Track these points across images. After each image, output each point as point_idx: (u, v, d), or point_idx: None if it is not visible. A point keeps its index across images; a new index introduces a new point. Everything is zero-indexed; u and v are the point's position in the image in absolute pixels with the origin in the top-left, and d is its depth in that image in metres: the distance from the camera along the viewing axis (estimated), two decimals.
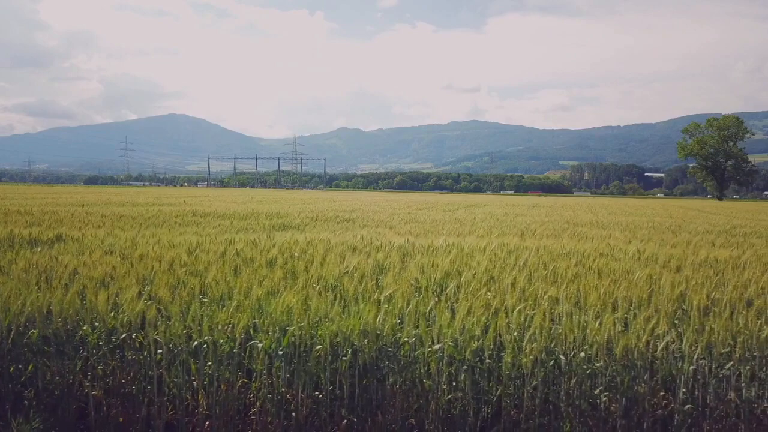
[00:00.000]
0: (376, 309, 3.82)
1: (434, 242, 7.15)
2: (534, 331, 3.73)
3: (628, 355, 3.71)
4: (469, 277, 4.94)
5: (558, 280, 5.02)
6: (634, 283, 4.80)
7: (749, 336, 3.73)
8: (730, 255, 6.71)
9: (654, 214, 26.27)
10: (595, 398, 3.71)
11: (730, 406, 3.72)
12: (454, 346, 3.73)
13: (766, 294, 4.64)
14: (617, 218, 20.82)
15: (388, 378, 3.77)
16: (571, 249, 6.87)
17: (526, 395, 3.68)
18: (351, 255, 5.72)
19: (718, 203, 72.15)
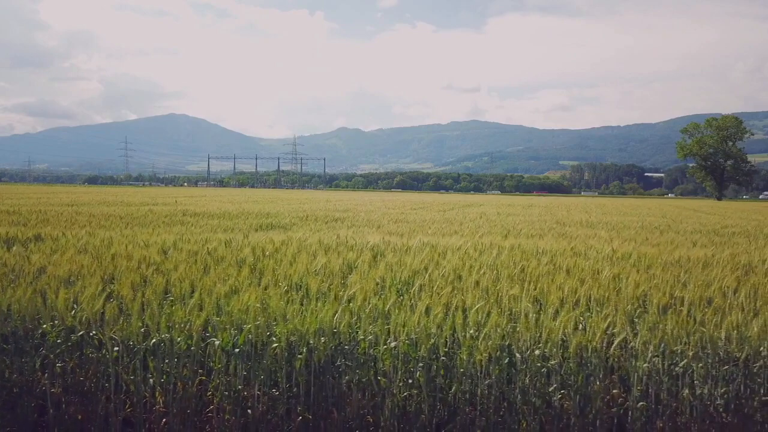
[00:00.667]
0: (334, 307, 3.84)
1: (410, 242, 7.17)
2: (489, 329, 3.76)
3: (582, 353, 3.73)
4: (436, 275, 4.97)
5: (525, 278, 5.05)
6: (600, 282, 4.83)
7: (703, 334, 3.75)
8: (704, 254, 6.74)
9: (648, 214, 26.30)
10: (549, 396, 3.74)
11: (684, 404, 3.74)
12: (409, 343, 3.76)
13: (728, 292, 4.67)
14: (610, 218, 20.84)
15: (343, 376, 3.80)
16: (547, 248, 6.89)
17: (480, 392, 3.70)
18: (323, 254, 5.74)
19: (716, 203, 72.19)
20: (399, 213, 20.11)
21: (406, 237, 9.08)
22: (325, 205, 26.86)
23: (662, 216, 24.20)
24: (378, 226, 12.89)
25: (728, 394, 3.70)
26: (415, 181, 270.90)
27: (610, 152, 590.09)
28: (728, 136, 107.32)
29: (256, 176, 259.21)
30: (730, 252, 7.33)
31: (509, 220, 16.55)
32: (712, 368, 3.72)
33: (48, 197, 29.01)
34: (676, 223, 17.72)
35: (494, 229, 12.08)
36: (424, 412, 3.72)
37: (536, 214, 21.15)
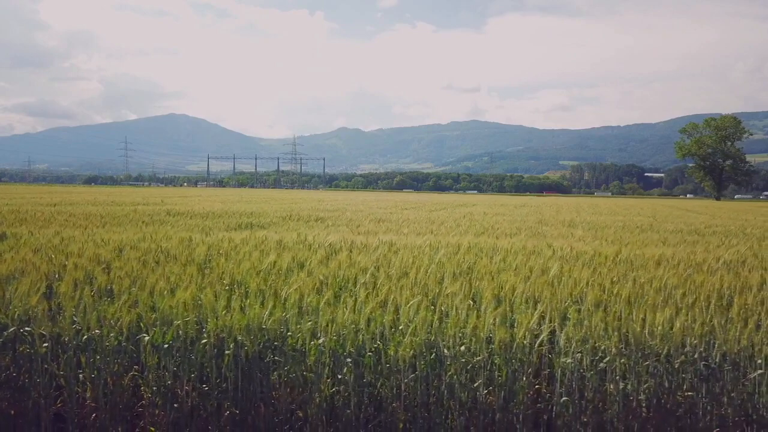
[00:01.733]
0: (263, 304, 3.90)
1: (375, 240, 7.23)
2: (417, 325, 3.81)
3: (507, 349, 3.78)
4: (382, 273, 5.02)
5: (470, 276, 5.10)
6: (544, 280, 4.88)
7: (627, 331, 3.80)
8: (662, 253, 6.79)
9: (638, 214, 26.33)
10: (475, 391, 3.79)
11: (608, 399, 3.79)
12: (336, 339, 3.81)
13: (667, 290, 4.71)
14: (597, 218, 20.89)
15: (272, 371, 3.85)
16: (506, 246, 6.94)
17: (404, 387, 3.75)
18: (276, 253, 5.79)
19: (714, 203, 72.18)
20: (387, 213, 20.16)
21: (377, 236, 9.13)
22: (315, 205, 26.91)
23: (651, 216, 24.24)
24: (357, 225, 12.94)
25: (650, 390, 3.75)
26: (415, 181, 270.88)
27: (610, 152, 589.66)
28: (727, 136, 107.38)
29: (256, 176, 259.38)
30: (691, 250, 7.38)
31: (493, 219, 16.59)
32: (635, 364, 3.77)
33: (39, 197, 29.07)
34: (660, 223, 17.76)
35: (471, 228, 12.12)
36: (350, 407, 3.77)
37: (523, 214, 21.19)
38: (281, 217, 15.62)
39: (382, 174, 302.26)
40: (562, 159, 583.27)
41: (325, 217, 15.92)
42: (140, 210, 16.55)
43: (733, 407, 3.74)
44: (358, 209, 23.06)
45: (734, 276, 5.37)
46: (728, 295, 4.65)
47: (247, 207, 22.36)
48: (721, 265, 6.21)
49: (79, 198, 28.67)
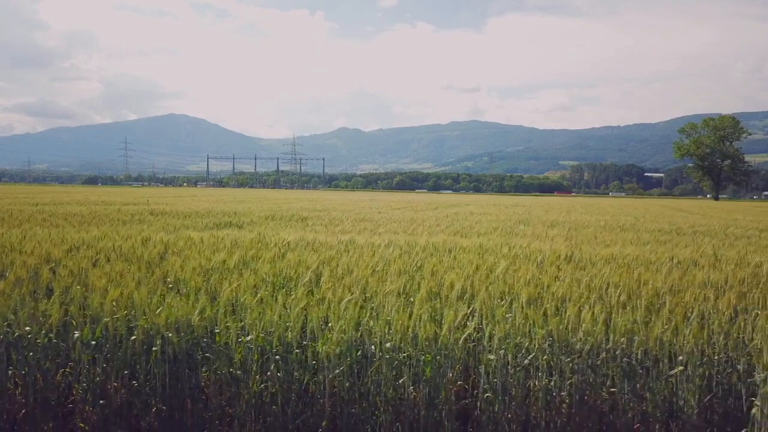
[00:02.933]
0: (201, 301, 3.94)
1: (330, 239, 7.27)
2: (345, 322, 3.85)
3: (432, 345, 3.83)
4: (327, 271, 5.07)
5: (415, 274, 5.14)
6: (484, 277, 4.92)
7: (549, 327, 3.85)
8: (620, 252, 6.83)
9: (626, 214, 26.37)
10: (400, 388, 3.83)
11: (532, 395, 3.83)
12: (264, 337, 3.86)
13: (605, 288, 4.76)
14: (583, 217, 20.93)
15: (200, 368, 3.89)
16: (465, 245, 6.99)
17: (329, 383, 3.80)
18: (228, 251, 5.84)
19: (711, 203, 72.20)
20: (374, 213, 20.18)
21: (348, 235, 9.18)
22: (305, 205, 26.96)
23: (639, 216, 24.27)
24: (336, 225, 12.99)
25: (573, 386, 3.80)
26: (415, 181, 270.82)
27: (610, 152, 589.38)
28: (725, 136, 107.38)
29: (256, 176, 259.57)
30: (652, 249, 7.42)
31: (476, 219, 16.63)
32: (558, 360, 3.81)
33: (31, 197, 29.12)
34: (643, 222, 17.80)
35: (449, 228, 12.16)
36: (277, 403, 3.82)
37: (510, 214, 21.23)
38: (264, 216, 15.66)
39: (382, 174, 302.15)
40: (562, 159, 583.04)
41: (308, 217, 15.97)
42: (124, 210, 16.59)
43: (655, 403, 3.78)
44: (347, 209, 23.09)
45: (681, 274, 5.42)
46: (663, 293, 4.69)
47: (235, 207, 22.39)
48: (675, 264, 6.25)
49: (71, 198, 28.72)
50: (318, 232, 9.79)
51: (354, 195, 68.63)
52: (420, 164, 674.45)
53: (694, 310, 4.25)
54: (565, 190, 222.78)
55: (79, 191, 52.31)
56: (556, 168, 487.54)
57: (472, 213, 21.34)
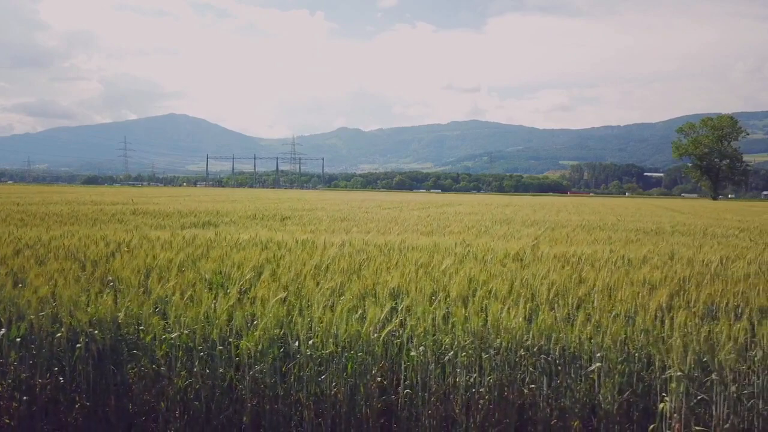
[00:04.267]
0: (134, 299, 4.00)
1: (286, 237, 7.32)
2: (268, 320, 3.90)
3: (354, 342, 3.87)
4: (267, 270, 5.11)
5: (354, 273, 5.19)
6: (425, 276, 4.97)
7: (468, 325, 3.89)
8: (575, 251, 6.87)
9: (613, 213, 26.40)
10: (322, 384, 3.87)
11: (452, 392, 3.88)
12: (188, 333, 3.90)
13: (538, 286, 4.80)
14: (568, 217, 21.01)
15: (125, 365, 3.94)
16: (417, 244, 7.05)
17: (251, 380, 3.84)
18: (180, 250, 5.89)
19: (706, 203, 72.18)
20: (361, 212, 20.23)
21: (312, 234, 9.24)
22: (294, 204, 27.02)
23: (627, 215, 24.31)
24: (315, 224, 13.05)
25: (493, 382, 3.84)
26: (415, 181, 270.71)
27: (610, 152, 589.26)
28: (724, 135, 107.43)
29: (255, 176, 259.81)
30: (612, 248, 7.46)
31: (458, 218, 16.68)
32: (477, 357, 3.86)
33: (23, 197, 29.16)
34: (627, 222, 17.83)
35: (424, 227, 12.21)
36: (201, 399, 3.87)
37: (496, 214, 21.27)
38: (245, 216, 15.71)
39: (382, 174, 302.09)
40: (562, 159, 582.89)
41: (290, 216, 16.03)
42: (107, 210, 16.65)
43: (573, 399, 3.83)
44: (335, 209, 23.15)
45: (624, 273, 5.46)
46: (598, 291, 4.73)
47: (223, 206, 22.44)
48: (625, 262, 6.29)
49: (61, 198, 28.77)
50: (286, 231, 9.83)
51: (350, 195, 68.71)
52: (420, 164, 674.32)
53: (622, 308, 4.30)
54: (565, 190, 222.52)
55: (75, 191, 52.37)
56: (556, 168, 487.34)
57: (458, 213, 21.39)
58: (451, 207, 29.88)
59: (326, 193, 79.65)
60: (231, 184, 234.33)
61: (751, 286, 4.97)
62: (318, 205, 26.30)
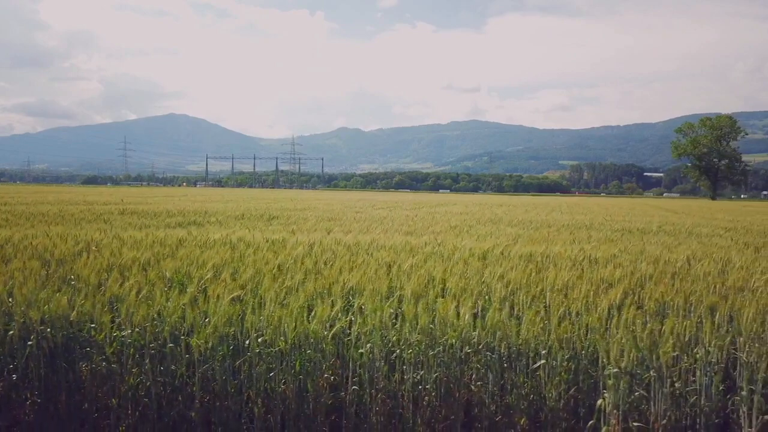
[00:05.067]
0: (72, 297, 4.04)
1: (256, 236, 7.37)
2: (218, 318, 3.94)
3: (302, 340, 3.92)
4: (226, 269, 5.16)
5: (313, 271, 5.24)
6: (381, 273, 5.01)
7: (416, 322, 3.94)
8: (544, 250, 6.92)
9: (607, 213, 26.45)
10: (271, 381, 3.92)
11: (399, 388, 3.92)
12: (138, 331, 3.95)
13: (492, 284, 4.84)
14: (558, 216, 21.03)
15: (78, 362, 3.99)
16: (386, 244, 7.10)
17: (200, 377, 3.89)
18: (141, 248, 5.94)
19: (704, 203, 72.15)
20: (352, 212, 20.26)
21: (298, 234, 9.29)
22: (288, 204, 27.06)
23: (617, 215, 24.35)
24: (300, 223, 13.09)
25: (439, 379, 3.88)
26: (414, 181, 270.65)
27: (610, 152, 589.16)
28: (722, 135, 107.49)
29: (255, 176, 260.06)
30: (581, 248, 7.50)
31: (446, 218, 16.71)
32: (424, 354, 3.90)
33: (15, 197, 29.20)
34: (613, 222, 17.86)
35: (409, 228, 12.24)
36: (152, 396, 3.91)
37: (486, 214, 21.30)
38: (234, 216, 15.75)
39: (381, 174, 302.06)
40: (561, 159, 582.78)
41: (278, 216, 16.07)
42: (95, 209, 16.69)
43: (519, 396, 3.87)
44: (326, 208, 23.19)
45: (584, 272, 5.51)
46: (557, 289, 4.77)
47: (214, 206, 22.47)
48: (590, 261, 6.33)
49: (55, 198, 28.81)
50: (267, 231, 9.87)
51: (348, 195, 68.75)
52: (420, 164, 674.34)
53: (573, 306, 4.35)
54: (565, 190, 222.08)
55: (72, 191, 52.40)
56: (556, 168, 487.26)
57: (449, 212, 21.42)
58: (445, 207, 29.92)
59: (324, 193, 79.69)
60: (230, 184, 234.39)
61: (708, 285, 5.02)
62: (311, 205, 26.33)
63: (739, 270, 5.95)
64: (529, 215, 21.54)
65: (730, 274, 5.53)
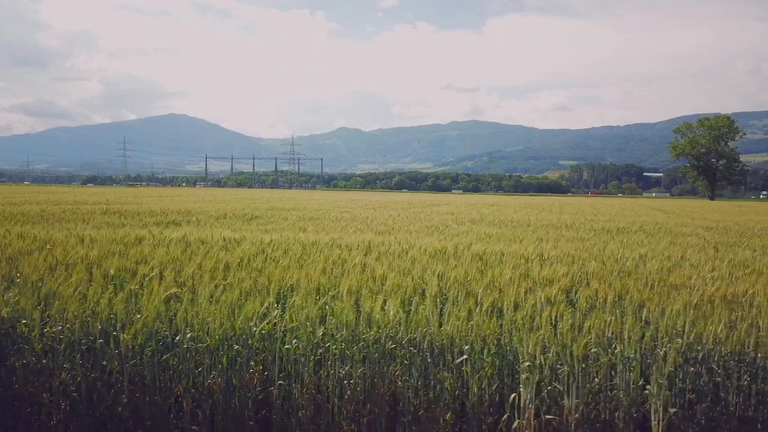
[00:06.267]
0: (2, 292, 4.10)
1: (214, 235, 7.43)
2: (148, 314, 4.00)
3: (230, 335, 3.98)
4: (170, 268, 5.22)
5: (258, 269, 5.30)
6: (325, 272, 5.08)
7: (342, 318, 3.99)
8: (501, 249, 6.98)
9: (598, 213, 26.51)
10: (198, 376, 3.98)
11: (324, 383, 3.98)
12: (70, 327, 4.01)
13: (429, 281, 4.89)
14: (548, 216, 21.09)
15: (9, 357, 4.04)
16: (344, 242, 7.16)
17: (127, 371, 3.95)
18: (92, 247, 6.01)
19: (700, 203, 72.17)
20: (338, 212, 20.33)
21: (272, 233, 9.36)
22: (276, 204, 27.12)
23: (606, 215, 24.41)
24: (282, 222, 13.16)
25: (364, 374, 3.94)
26: (414, 181, 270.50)
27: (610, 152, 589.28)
28: (720, 135, 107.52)
29: (254, 176, 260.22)
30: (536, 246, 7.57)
31: (427, 218, 16.77)
32: (349, 350, 3.96)
33: (2, 197, 29.26)
34: (597, 222, 17.92)
35: (384, 227, 12.30)
36: (81, 391, 3.97)
37: (470, 213, 21.36)
38: (216, 215, 15.81)
39: (381, 174, 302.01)
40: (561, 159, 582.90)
41: (261, 216, 16.13)
42: (77, 209, 16.75)
43: (441, 391, 3.93)
44: (315, 208, 23.26)
45: (529, 269, 5.56)
46: (496, 287, 4.83)
47: (202, 206, 22.53)
48: (540, 260, 6.39)
49: (46, 198, 28.86)
50: (240, 230, 9.94)
51: (343, 195, 68.79)
52: (420, 164, 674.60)
53: (506, 303, 4.40)
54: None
55: (67, 191, 52.44)
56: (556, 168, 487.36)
57: (435, 212, 21.49)
58: (437, 207, 29.97)
59: (320, 194, 79.72)
60: (230, 185, 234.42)
61: (647, 283, 5.08)
62: (300, 205, 26.38)
63: (689, 268, 6.01)
64: (516, 215, 21.59)
65: (675, 272, 5.59)
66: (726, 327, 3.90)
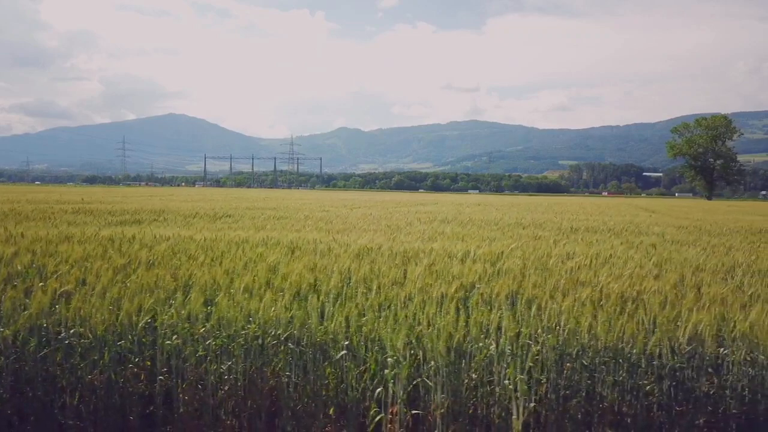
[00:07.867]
0: None
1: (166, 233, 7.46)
2: (33, 310, 4.03)
3: (111, 331, 4.01)
4: (102, 263, 5.26)
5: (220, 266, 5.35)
6: (260, 268, 5.13)
7: (222, 314, 4.02)
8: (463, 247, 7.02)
9: (580, 212, 26.53)
10: (82, 372, 4.01)
11: (204, 379, 4.01)
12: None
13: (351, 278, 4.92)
14: (526, 215, 21.11)
15: None
16: (287, 240, 7.21)
17: (7, 368, 3.97)
18: (26, 244, 6.05)
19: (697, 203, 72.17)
20: (318, 211, 20.36)
21: (223, 231, 9.41)
22: (260, 204, 27.17)
23: (588, 214, 24.44)
24: (248, 221, 13.22)
25: (245, 369, 3.97)
26: (413, 181, 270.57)
27: (610, 152, 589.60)
28: (718, 135, 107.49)
29: (253, 176, 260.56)
30: (489, 244, 7.60)
31: (400, 218, 16.81)
32: (229, 345, 3.99)
33: None
34: (570, 221, 17.94)
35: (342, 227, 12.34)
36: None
37: (447, 213, 21.40)
38: (187, 214, 15.84)
39: (381, 174, 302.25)
40: (561, 159, 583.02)
41: (233, 215, 16.17)
42: (53, 208, 16.79)
43: (321, 387, 3.95)
44: (295, 207, 23.31)
45: (438, 268, 5.60)
46: (395, 282, 4.86)
47: (183, 206, 22.58)
48: (462, 258, 6.41)
49: (33, 197, 28.93)
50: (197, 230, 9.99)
51: (338, 194, 68.86)
52: (419, 164, 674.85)
53: (395, 300, 4.43)
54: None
55: (60, 191, 52.47)
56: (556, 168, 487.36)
57: (414, 212, 21.52)
58: (422, 206, 29.99)
59: (315, 193, 79.75)
60: (229, 184, 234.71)
61: (551, 279, 5.11)
62: (281, 205, 26.41)
63: (608, 266, 6.04)
64: (494, 215, 21.60)
65: (587, 270, 5.62)
66: (606, 323, 3.93)
